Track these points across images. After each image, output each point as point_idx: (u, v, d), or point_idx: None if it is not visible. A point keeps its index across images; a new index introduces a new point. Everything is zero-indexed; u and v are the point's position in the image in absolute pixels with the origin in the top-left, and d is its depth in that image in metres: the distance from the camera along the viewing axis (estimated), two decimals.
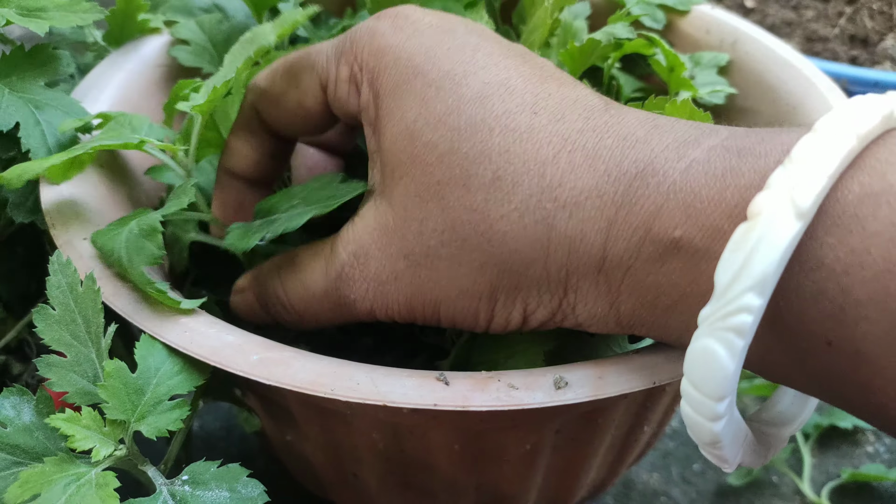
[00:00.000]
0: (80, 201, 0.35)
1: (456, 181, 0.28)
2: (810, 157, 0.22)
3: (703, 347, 0.23)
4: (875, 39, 0.79)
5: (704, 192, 0.25)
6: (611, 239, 0.26)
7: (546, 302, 0.28)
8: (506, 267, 0.28)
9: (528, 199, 0.27)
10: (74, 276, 0.30)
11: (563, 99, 0.29)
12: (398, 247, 0.30)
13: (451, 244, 0.29)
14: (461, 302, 0.29)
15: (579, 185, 0.27)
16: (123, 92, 0.43)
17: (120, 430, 0.28)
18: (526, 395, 0.27)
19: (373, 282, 0.30)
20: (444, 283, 0.29)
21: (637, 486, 0.50)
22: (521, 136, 0.28)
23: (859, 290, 0.22)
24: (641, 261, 0.26)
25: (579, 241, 0.27)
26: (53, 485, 0.27)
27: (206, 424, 0.50)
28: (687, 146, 0.26)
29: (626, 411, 0.34)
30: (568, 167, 0.27)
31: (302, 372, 0.28)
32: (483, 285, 0.29)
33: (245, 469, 0.28)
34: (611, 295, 0.27)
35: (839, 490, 0.50)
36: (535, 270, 0.28)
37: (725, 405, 0.24)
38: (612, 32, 0.42)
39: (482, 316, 0.30)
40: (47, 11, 0.37)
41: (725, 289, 0.22)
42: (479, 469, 0.34)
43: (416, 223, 0.29)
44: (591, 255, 0.27)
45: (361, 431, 0.32)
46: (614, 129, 0.27)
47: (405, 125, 0.29)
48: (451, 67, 0.29)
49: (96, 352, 0.30)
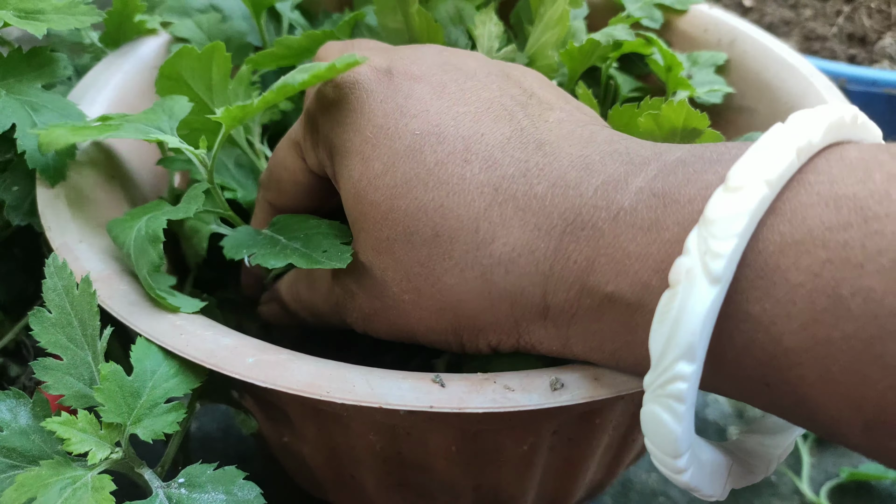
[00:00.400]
0: (77, 204, 0.35)
1: (400, 238, 0.29)
2: (722, 216, 0.22)
3: (650, 413, 0.24)
4: (873, 38, 0.79)
5: (632, 248, 0.25)
6: (549, 292, 0.27)
7: (505, 340, 0.29)
8: (459, 313, 0.29)
9: (465, 254, 0.28)
10: (70, 278, 0.30)
11: (494, 141, 0.29)
12: (371, 292, 0.31)
13: (410, 292, 0.30)
14: (432, 336, 0.31)
15: (511, 240, 0.27)
16: (121, 93, 0.43)
17: (116, 433, 0.28)
18: (522, 397, 0.27)
19: (359, 314, 0.33)
20: (413, 322, 0.30)
21: (636, 486, 0.50)
22: (453, 189, 0.28)
23: (788, 340, 0.22)
24: (583, 311, 0.26)
25: (519, 294, 0.28)
26: (49, 488, 0.27)
27: (203, 426, 0.50)
28: (617, 190, 0.26)
29: (624, 412, 0.34)
30: (499, 220, 0.27)
31: (298, 374, 0.28)
32: (445, 325, 0.30)
33: (241, 471, 0.28)
34: (560, 339, 0.28)
35: (838, 489, 0.50)
36: (485, 318, 0.29)
37: (685, 460, 0.24)
38: (612, 34, 0.42)
39: (454, 346, 0.31)
40: (45, 14, 0.37)
41: (659, 359, 0.23)
42: (477, 470, 0.34)
43: (379, 272, 0.30)
44: (534, 306, 0.28)
45: (358, 433, 0.32)
46: (545, 172, 0.27)
47: (352, 184, 0.30)
48: (384, 122, 0.30)
49: (92, 355, 0.30)
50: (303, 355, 0.29)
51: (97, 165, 0.37)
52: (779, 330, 0.22)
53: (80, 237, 0.33)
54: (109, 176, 0.38)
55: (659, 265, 0.24)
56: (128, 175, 0.40)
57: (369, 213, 0.30)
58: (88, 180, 0.36)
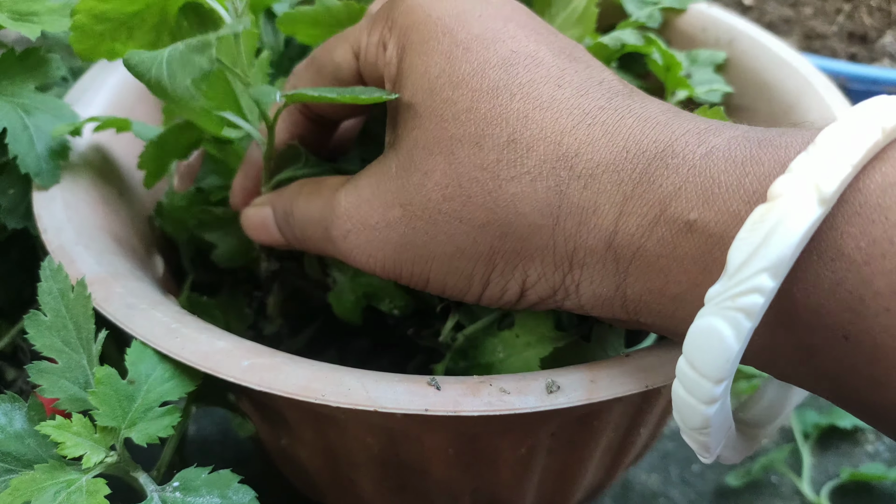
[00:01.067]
0: (72, 207, 0.35)
1: (469, 139, 0.28)
2: (835, 145, 0.22)
3: (707, 326, 0.22)
4: (874, 36, 0.78)
5: (723, 178, 0.24)
6: (624, 214, 0.26)
7: (548, 275, 0.28)
8: (510, 230, 0.27)
9: (541, 164, 0.27)
10: (66, 281, 0.30)
11: (588, 78, 0.29)
12: (396, 195, 0.29)
13: (455, 199, 0.28)
14: (456, 262, 0.29)
15: (596, 157, 0.26)
16: (118, 95, 0.42)
17: (111, 437, 0.28)
18: (517, 400, 0.27)
19: (359, 224, 0.30)
20: (440, 239, 0.29)
21: (636, 488, 0.50)
22: (541, 105, 0.27)
23: (880, 281, 0.21)
24: (653, 241, 0.25)
25: (591, 212, 0.26)
26: (44, 492, 0.27)
27: (202, 429, 0.50)
28: (708, 133, 0.26)
29: (623, 414, 0.34)
30: (586, 139, 0.27)
31: (293, 377, 0.28)
32: (483, 246, 0.28)
33: (236, 475, 0.28)
34: (618, 276, 0.26)
35: (839, 490, 0.50)
36: (540, 238, 0.27)
37: (722, 388, 0.23)
38: (622, 38, 0.42)
39: (476, 281, 0.29)
40: (39, 15, 0.37)
41: (738, 268, 0.22)
42: (475, 473, 0.34)
43: (419, 174, 0.29)
44: (602, 229, 0.26)
45: (356, 436, 0.32)
46: (636, 111, 0.27)
47: (427, 80, 0.29)
48: (482, 32, 0.29)
49: (87, 358, 0.29)
50: (298, 358, 0.29)
51: (93, 167, 0.37)
52: (871, 270, 0.21)
53: (75, 240, 0.33)
54: (106, 178, 0.38)
55: (751, 196, 0.24)
56: (124, 177, 0.40)
57: (439, 110, 0.29)
58: (84, 182, 0.36)
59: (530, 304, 0.29)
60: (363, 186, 0.31)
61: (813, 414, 0.54)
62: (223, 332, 0.30)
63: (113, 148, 0.40)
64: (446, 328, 0.35)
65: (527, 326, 0.34)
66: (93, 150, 0.38)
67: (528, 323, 0.34)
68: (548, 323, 0.33)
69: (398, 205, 0.29)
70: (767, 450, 0.52)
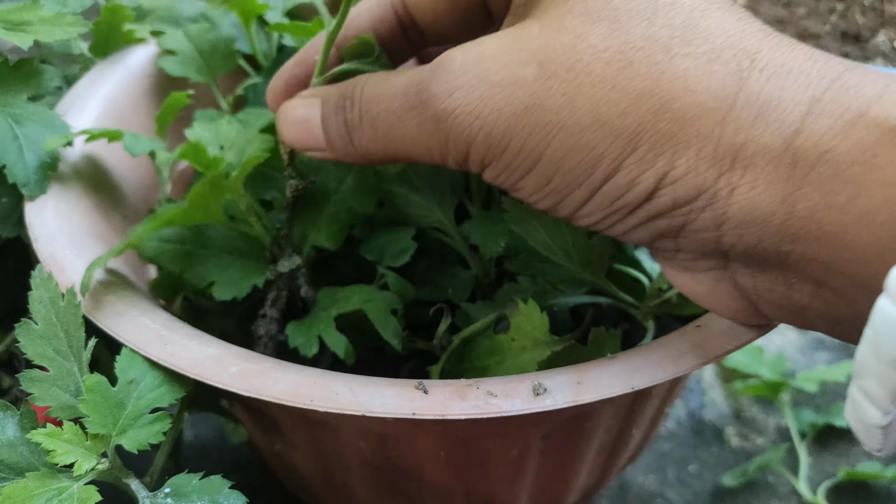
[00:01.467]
0: (64, 215, 0.35)
1: (639, 12, 0.25)
2: None
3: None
4: (867, 36, 0.78)
5: None
6: (812, 114, 0.23)
7: (700, 170, 0.24)
8: (671, 106, 0.24)
9: (721, 49, 0.24)
10: (56, 290, 0.30)
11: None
12: (533, 52, 0.26)
13: (612, 63, 0.24)
14: (588, 136, 0.25)
15: (780, 59, 0.24)
16: (110, 103, 0.43)
17: (102, 444, 0.28)
18: (504, 403, 0.27)
19: (475, 79, 0.26)
20: (579, 104, 0.25)
21: (633, 489, 0.50)
22: (722, 7, 0.25)
23: None
24: (847, 145, 0.22)
25: (774, 105, 0.23)
26: (36, 500, 0.27)
27: (200, 434, 0.51)
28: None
29: (614, 415, 0.34)
30: (769, 46, 0.24)
31: (281, 383, 0.28)
32: (631, 120, 0.24)
33: (227, 480, 0.28)
34: (791, 183, 0.23)
35: (836, 489, 0.50)
36: (705, 124, 0.24)
37: None
38: None
39: (605, 164, 0.25)
40: (31, 25, 0.37)
41: None
42: (467, 475, 0.34)
43: (570, 35, 0.25)
44: (785, 125, 0.23)
45: (348, 440, 0.32)
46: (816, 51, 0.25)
47: None
48: None
49: (78, 366, 0.30)
50: (287, 363, 0.29)
51: (85, 177, 0.37)
52: None
53: (67, 248, 0.33)
54: (98, 186, 0.38)
55: None
56: (116, 186, 0.40)
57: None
58: (76, 191, 0.36)
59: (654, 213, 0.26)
60: (487, 45, 0.26)
61: (809, 413, 0.54)
62: (213, 338, 0.30)
63: (105, 156, 0.40)
64: (440, 330, 0.35)
65: (522, 330, 0.34)
66: (85, 158, 0.38)
67: (524, 327, 0.34)
68: (543, 327, 0.33)
69: (536, 62, 0.25)
70: (764, 449, 0.52)
